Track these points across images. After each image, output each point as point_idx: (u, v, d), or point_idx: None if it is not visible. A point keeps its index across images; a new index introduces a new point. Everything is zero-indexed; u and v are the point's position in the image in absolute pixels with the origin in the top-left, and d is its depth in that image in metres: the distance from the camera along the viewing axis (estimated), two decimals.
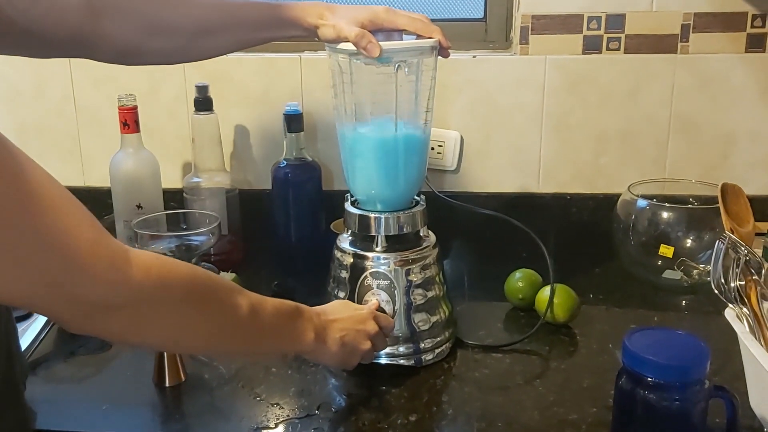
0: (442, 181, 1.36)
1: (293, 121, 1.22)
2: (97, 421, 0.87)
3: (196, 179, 1.27)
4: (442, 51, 0.95)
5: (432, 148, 1.32)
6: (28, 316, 1.06)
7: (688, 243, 1.15)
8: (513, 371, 0.96)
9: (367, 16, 0.91)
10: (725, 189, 1.00)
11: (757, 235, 1.01)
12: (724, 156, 1.31)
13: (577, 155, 1.33)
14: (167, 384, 0.93)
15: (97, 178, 1.42)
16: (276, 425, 0.85)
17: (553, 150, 1.33)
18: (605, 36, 1.27)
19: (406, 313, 0.95)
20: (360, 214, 0.98)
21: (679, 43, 1.26)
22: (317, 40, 0.95)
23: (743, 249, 0.85)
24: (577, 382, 0.93)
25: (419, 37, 0.93)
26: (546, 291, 1.06)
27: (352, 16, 0.91)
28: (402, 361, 0.96)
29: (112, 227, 1.24)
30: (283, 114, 1.22)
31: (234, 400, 0.91)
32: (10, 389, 0.80)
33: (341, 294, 0.98)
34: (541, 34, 1.28)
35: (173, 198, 1.33)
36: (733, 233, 0.90)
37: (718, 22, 1.25)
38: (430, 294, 0.97)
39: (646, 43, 1.27)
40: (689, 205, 1.21)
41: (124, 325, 0.62)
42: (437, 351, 0.98)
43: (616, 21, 1.26)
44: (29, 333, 1.03)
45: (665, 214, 1.16)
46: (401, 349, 0.96)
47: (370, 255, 0.96)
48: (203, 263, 1.15)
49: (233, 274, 1.17)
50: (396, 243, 0.97)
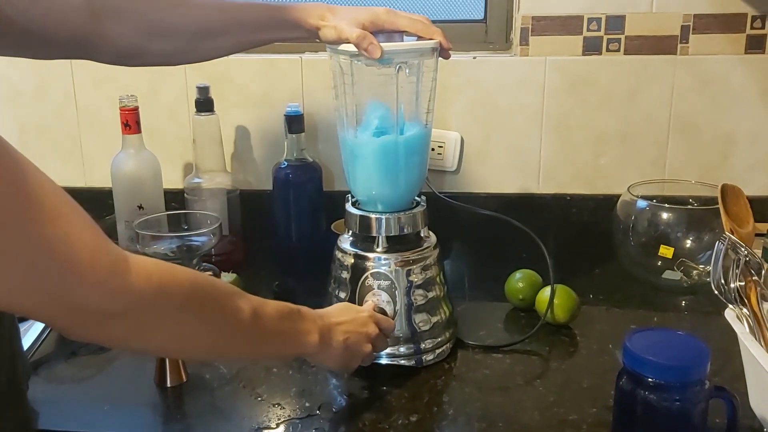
0: (442, 181, 1.36)
1: (294, 122, 1.22)
2: (99, 421, 0.87)
3: (197, 180, 1.27)
4: (443, 52, 0.95)
5: (432, 149, 1.32)
6: None
7: (688, 244, 1.15)
8: (513, 371, 0.97)
9: (368, 18, 0.91)
10: (725, 190, 1.01)
11: (756, 235, 1.01)
12: (723, 157, 1.31)
13: (577, 156, 1.33)
14: (168, 384, 0.93)
15: (98, 179, 1.41)
16: (277, 425, 0.85)
17: (553, 151, 1.33)
18: (605, 37, 1.27)
19: (406, 313, 0.96)
20: (361, 215, 0.98)
21: (678, 45, 1.26)
22: (318, 41, 0.95)
23: (743, 250, 0.85)
24: (577, 383, 0.93)
25: (420, 38, 0.93)
26: (546, 291, 1.06)
27: (353, 17, 0.91)
28: (403, 361, 0.96)
29: (113, 228, 1.24)
30: (284, 115, 1.22)
31: (235, 400, 0.91)
32: (13, 389, 0.80)
33: (342, 294, 0.98)
34: (541, 35, 1.28)
35: (174, 199, 1.33)
36: (732, 234, 0.90)
37: (717, 24, 1.25)
38: (431, 294, 0.97)
39: (646, 44, 1.27)
40: (689, 206, 1.21)
41: (125, 332, 0.61)
42: (438, 351, 0.98)
43: (616, 22, 1.26)
44: (31, 333, 1.02)
45: (665, 215, 1.16)
46: (402, 349, 0.96)
47: (371, 255, 0.96)
48: (204, 264, 1.15)
49: (234, 275, 1.17)
50: (397, 243, 0.97)
